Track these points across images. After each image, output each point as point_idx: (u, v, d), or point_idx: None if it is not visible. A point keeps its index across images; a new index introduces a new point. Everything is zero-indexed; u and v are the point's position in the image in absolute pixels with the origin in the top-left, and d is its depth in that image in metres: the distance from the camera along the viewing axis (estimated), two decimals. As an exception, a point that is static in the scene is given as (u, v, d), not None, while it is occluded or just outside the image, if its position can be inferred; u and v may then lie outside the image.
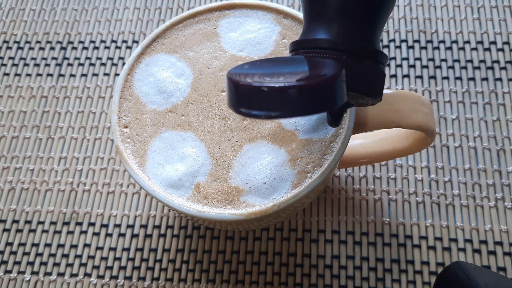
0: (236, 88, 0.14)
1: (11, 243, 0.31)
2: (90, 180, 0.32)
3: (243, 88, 0.14)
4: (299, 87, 0.14)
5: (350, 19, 0.18)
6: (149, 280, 0.29)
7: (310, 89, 0.14)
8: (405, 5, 0.36)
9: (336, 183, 0.31)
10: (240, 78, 0.15)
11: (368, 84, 0.18)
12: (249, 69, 0.16)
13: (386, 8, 0.19)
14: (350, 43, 0.18)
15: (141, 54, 0.24)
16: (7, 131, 0.34)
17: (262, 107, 0.14)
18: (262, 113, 0.14)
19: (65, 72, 0.36)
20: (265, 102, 0.14)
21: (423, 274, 0.28)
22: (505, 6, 0.35)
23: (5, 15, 0.39)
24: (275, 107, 0.14)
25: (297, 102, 0.14)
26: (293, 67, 0.16)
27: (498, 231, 0.29)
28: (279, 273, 0.29)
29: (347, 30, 0.18)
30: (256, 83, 0.14)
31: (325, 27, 0.18)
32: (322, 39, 0.18)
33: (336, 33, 0.18)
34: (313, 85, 0.14)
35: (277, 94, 0.14)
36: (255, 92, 0.14)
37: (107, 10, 0.38)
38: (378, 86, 0.19)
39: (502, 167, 0.30)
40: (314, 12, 0.19)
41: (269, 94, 0.14)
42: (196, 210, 0.21)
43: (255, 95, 0.14)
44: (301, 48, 0.19)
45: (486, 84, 0.33)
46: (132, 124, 0.23)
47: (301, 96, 0.14)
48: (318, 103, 0.14)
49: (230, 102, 0.15)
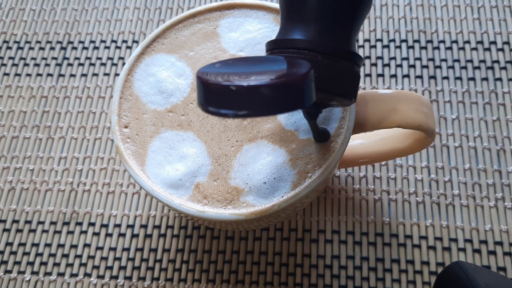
0: (205, 87, 0.15)
1: (11, 243, 0.31)
2: (90, 180, 0.32)
3: (212, 87, 0.14)
4: (267, 86, 0.14)
5: (326, 20, 0.18)
6: (149, 280, 0.29)
7: (277, 88, 0.14)
8: (405, 5, 0.36)
9: (336, 183, 0.31)
10: (210, 77, 0.15)
11: (343, 85, 0.18)
12: (220, 68, 0.16)
13: (362, 11, 0.19)
14: (325, 44, 0.18)
15: (141, 54, 0.24)
16: (7, 131, 0.34)
17: (231, 106, 0.14)
18: (230, 112, 0.14)
19: (65, 72, 0.36)
20: (233, 101, 0.14)
21: (423, 274, 0.28)
22: (505, 6, 0.35)
23: (5, 15, 0.39)
24: (243, 106, 0.14)
25: (264, 101, 0.14)
26: (265, 67, 0.16)
27: (498, 231, 0.29)
28: (279, 273, 0.29)
29: (323, 31, 0.18)
30: (225, 82, 0.14)
31: (301, 27, 0.18)
32: (297, 39, 0.18)
33: (312, 33, 0.18)
34: (280, 84, 0.14)
35: (245, 93, 0.14)
36: (223, 91, 0.14)
37: (107, 10, 0.38)
38: (352, 88, 0.19)
39: (502, 167, 0.30)
40: (290, 12, 0.19)
41: (237, 93, 0.14)
42: (196, 210, 0.21)
43: (223, 94, 0.14)
44: (277, 47, 0.19)
45: (486, 84, 0.33)
46: (132, 124, 0.23)
47: (268, 95, 0.14)
48: (286, 102, 0.15)
49: (199, 101, 0.15)
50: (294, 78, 0.15)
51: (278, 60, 0.17)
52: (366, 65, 0.34)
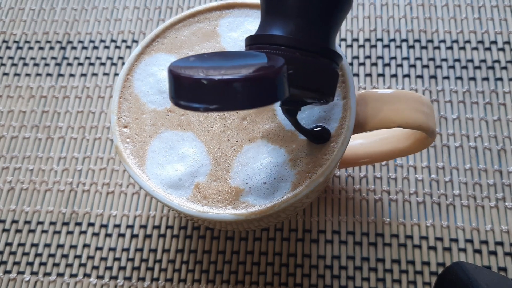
0: (176, 80, 0.14)
1: (10, 243, 0.31)
2: (89, 180, 0.32)
3: (183, 81, 0.14)
4: (238, 80, 0.14)
5: (306, 17, 0.18)
6: (148, 280, 0.29)
7: (248, 82, 0.14)
8: (406, 4, 0.36)
9: (337, 183, 0.31)
10: (181, 70, 0.15)
11: (321, 83, 0.18)
12: (193, 62, 0.16)
13: (342, 8, 0.19)
14: (304, 40, 0.18)
15: (141, 54, 0.24)
16: (6, 131, 0.34)
17: (202, 100, 0.14)
18: (201, 106, 0.14)
19: (64, 71, 0.36)
20: (204, 95, 0.14)
21: (423, 274, 0.28)
22: (505, 6, 0.35)
23: (4, 14, 0.38)
24: (214, 100, 0.14)
25: (236, 95, 0.14)
26: (239, 61, 0.16)
27: (499, 231, 0.29)
28: (279, 273, 0.29)
29: (302, 28, 0.18)
30: (196, 76, 0.14)
31: (281, 23, 0.18)
32: (276, 35, 0.18)
33: (291, 30, 0.18)
34: (251, 79, 0.14)
35: (216, 87, 0.14)
36: (194, 84, 0.14)
37: (107, 10, 0.38)
38: (330, 85, 0.19)
39: (503, 167, 0.30)
40: (270, 8, 0.19)
41: (208, 87, 0.14)
42: (196, 210, 0.21)
43: (194, 87, 0.14)
44: (255, 43, 0.19)
45: (486, 84, 0.33)
46: (131, 124, 0.23)
47: (239, 89, 0.14)
48: (257, 97, 0.15)
49: (170, 95, 0.15)
50: (266, 72, 0.15)
51: (253, 55, 0.17)
52: (367, 65, 0.34)
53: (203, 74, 0.14)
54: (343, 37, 0.35)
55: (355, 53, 0.34)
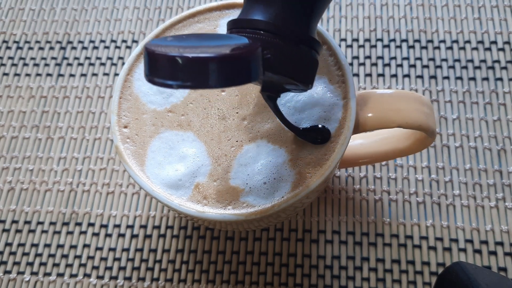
0: (151, 57, 0.15)
1: (10, 244, 0.31)
2: (89, 180, 0.32)
3: (158, 58, 0.15)
4: (212, 58, 0.14)
5: (287, 4, 0.18)
6: (148, 280, 0.29)
7: (221, 61, 0.14)
8: (406, 4, 0.36)
9: (337, 183, 0.31)
10: (157, 48, 0.15)
11: (300, 70, 0.18)
12: (170, 42, 0.16)
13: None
14: (284, 27, 0.18)
15: (141, 54, 0.24)
16: (6, 131, 0.34)
17: (176, 77, 0.14)
18: (175, 83, 0.14)
19: (64, 72, 0.36)
20: (178, 72, 0.14)
21: (423, 274, 0.28)
22: (505, 6, 0.35)
23: (4, 14, 0.38)
24: (188, 77, 0.14)
25: (208, 73, 0.14)
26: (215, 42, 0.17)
27: (499, 231, 0.29)
28: (279, 273, 0.29)
29: (283, 15, 0.18)
30: (170, 53, 0.14)
31: (262, 9, 0.18)
32: (256, 20, 0.18)
33: (272, 16, 0.18)
34: (224, 57, 0.15)
35: (189, 65, 0.14)
36: (168, 62, 0.14)
37: (107, 10, 0.38)
38: (309, 73, 0.19)
39: (503, 167, 0.30)
40: None
41: (182, 65, 0.14)
42: (196, 211, 0.21)
43: (169, 65, 0.14)
44: (235, 27, 0.19)
45: (486, 84, 0.33)
46: (131, 124, 0.23)
47: (212, 68, 0.14)
48: (230, 76, 0.15)
49: (145, 72, 0.15)
50: (239, 52, 0.15)
51: (230, 37, 0.17)
52: (367, 65, 0.34)
53: (177, 52, 0.14)
54: (343, 37, 0.35)
55: (355, 53, 0.34)
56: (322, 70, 0.23)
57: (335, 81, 0.23)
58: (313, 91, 0.22)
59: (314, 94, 0.22)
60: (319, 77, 0.23)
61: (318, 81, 0.23)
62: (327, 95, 0.22)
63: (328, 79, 0.23)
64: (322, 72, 0.23)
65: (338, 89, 0.22)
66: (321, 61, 0.23)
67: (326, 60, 0.23)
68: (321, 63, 0.23)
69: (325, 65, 0.23)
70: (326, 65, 0.23)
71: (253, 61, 0.15)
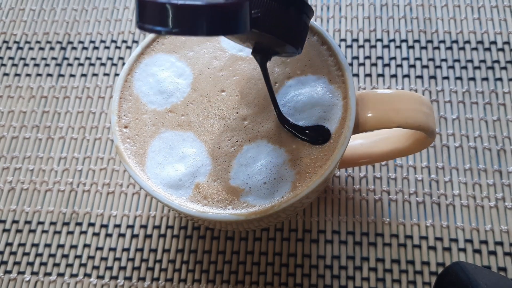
0: (141, 4, 0.15)
1: (11, 244, 0.31)
2: (90, 180, 0.32)
3: (148, 5, 0.15)
4: (199, 7, 0.15)
5: None
6: (149, 280, 0.29)
7: (208, 10, 0.15)
8: (405, 5, 0.36)
9: (336, 183, 0.31)
10: None
11: (290, 32, 0.19)
12: None
13: None
14: None
15: (141, 54, 0.24)
16: (6, 131, 0.34)
17: (165, 23, 0.15)
18: (163, 29, 0.15)
19: (64, 72, 0.36)
20: (167, 18, 0.15)
21: (423, 274, 0.28)
22: (505, 6, 0.35)
23: (4, 15, 0.38)
24: (176, 24, 0.15)
25: (196, 21, 0.15)
26: None
27: (499, 231, 0.29)
28: (279, 273, 0.29)
29: None
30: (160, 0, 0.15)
31: None
32: None
33: None
34: (211, 7, 0.15)
35: (178, 12, 0.15)
36: (158, 9, 0.15)
37: (107, 10, 0.38)
38: (299, 36, 0.19)
39: (503, 167, 0.30)
40: None
41: (171, 12, 0.15)
42: (196, 211, 0.21)
43: (158, 12, 0.15)
44: None
45: (486, 84, 0.33)
46: (132, 124, 0.23)
47: (200, 16, 0.15)
48: (216, 25, 0.16)
49: (135, 20, 0.16)
50: (226, 3, 0.16)
51: None
52: (366, 65, 0.34)
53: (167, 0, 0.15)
54: (343, 38, 0.35)
55: (355, 54, 0.34)
56: (322, 70, 0.23)
57: (335, 81, 0.23)
58: (313, 91, 0.22)
59: (314, 94, 0.22)
60: (319, 77, 0.23)
61: (318, 81, 0.23)
62: (327, 95, 0.22)
63: (328, 79, 0.23)
64: (322, 72, 0.23)
65: (338, 89, 0.22)
66: (321, 61, 0.23)
67: (326, 60, 0.23)
68: (321, 63, 0.23)
69: (325, 65, 0.23)
70: (326, 65, 0.23)
71: (239, 12, 0.16)
